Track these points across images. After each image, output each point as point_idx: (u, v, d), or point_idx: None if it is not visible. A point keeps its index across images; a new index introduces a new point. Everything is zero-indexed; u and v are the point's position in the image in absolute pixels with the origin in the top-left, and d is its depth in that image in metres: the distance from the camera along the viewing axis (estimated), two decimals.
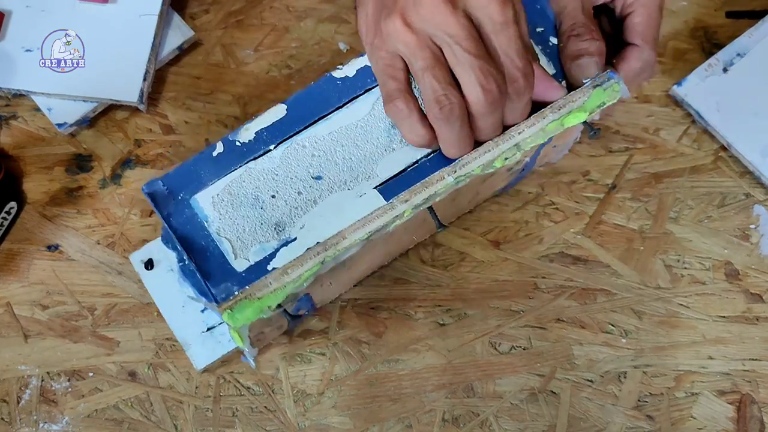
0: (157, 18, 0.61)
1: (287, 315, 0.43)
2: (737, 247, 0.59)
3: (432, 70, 0.42)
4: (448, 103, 0.42)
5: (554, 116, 0.45)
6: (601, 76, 0.46)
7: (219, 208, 0.44)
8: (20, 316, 0.57)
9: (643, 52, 0.49)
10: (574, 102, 0.45)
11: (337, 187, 0.45)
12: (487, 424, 0.55)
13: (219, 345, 0.53)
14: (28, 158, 0.61)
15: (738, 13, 0.65)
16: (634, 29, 0.49)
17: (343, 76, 0.47)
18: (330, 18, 0.66)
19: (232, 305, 0.41)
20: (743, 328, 0.57)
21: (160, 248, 0.54)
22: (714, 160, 0.61)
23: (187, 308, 0.54)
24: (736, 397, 0.55)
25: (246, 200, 0.44)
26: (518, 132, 0.45)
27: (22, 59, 0.60)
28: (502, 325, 0.57)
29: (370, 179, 0.45)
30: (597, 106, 0.46)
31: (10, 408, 0.55)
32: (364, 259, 0.49)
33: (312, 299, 0.51)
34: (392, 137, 0.46)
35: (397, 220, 0.43)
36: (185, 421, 0.55)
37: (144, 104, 0.60)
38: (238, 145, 0.45)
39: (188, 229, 0.43)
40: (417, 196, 0.43)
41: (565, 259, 0.59)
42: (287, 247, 0.43)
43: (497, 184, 0.56)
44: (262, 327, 0.48)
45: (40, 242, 0.59)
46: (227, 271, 0.42)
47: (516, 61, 0.43)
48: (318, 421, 0.55)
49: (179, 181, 0.44)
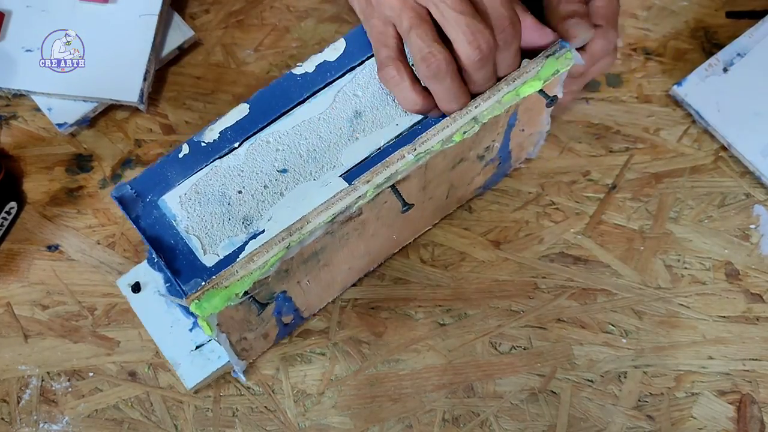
0: (157, 18, 0.61)
1: (256, 303, 0.43)
2: (737, 247, 0.59)
3: (417, 29, 0.43)
4: (434, 60, 0.43)
5: (509, 87, 0.46)
6: (554, 46, 0.47)
7: (187, 207, 0.45)
8: (20, 316, 0.57)
9: (607, 32, 0.51)
10: (528, 72, 0.46)
11: (303, 178, 0.46)
12: (487, 424, 0.55)
13: (208, 362, 0.54)
14: (28, 158, 0.61)
15: (738, 13, 0.65)
16: (597, 12, 0.51)
17: (303, 72, 0.48)
18: (330, 18, 0.66)
19: (199, 295, 0.41)
20: (743, 328, 0.57)
21: (146, 271, 0.55)
22: (714, 160, 0.61)
23: (175, 328, 0.54)
24: (736, 397, 0.55)
25: (213, 197, 0.45)
26: (475, 106, 0.45)
27: (22, 59, 0.60)
28: (503, 325, 0.57)
29: (335, 168, 0.46)
30: (551, 74, 0.46)
31: (10, 408, 0.55)
32: (340, 255, 0.50)
33: (294, 302, 0.51)
34: (355, 127, 0.47)
35: (359, 201, 0.44)
36: (185, 421, 0.55)
37: (144, 104, 0.60)
38: (204, 145, 0.46)
39: (157, 230, 0.44)
40: (378, 176, 0.44)
41: (565, 259, 0.59)
42: (256, 239, 0.44)
43: (474, 178, 0.56)
44: (240, 329, 0.48)
45: (40, 242, 0.59)
46: (197, 267, 0.43)
47: (501, 9, 0.43)
48: (318, 421, 0.55)
49: (147, 184, 0.45)
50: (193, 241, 0.44)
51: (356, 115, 0.47)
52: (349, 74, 0.48)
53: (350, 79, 0.48)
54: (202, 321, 0.42)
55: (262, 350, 0.55)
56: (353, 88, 0.48)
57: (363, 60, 0.48)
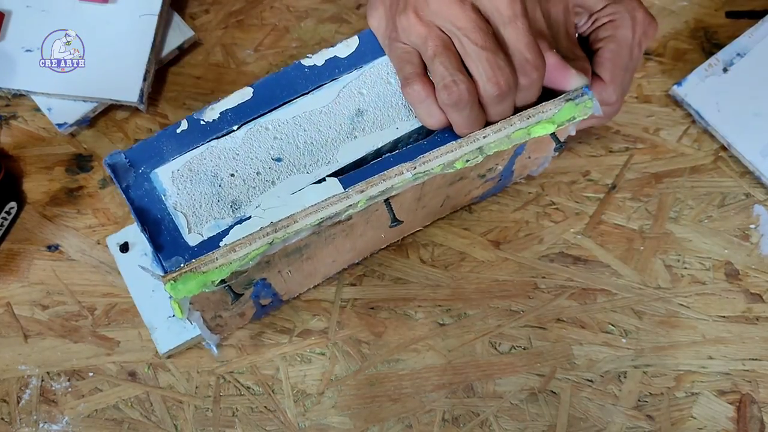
0: (157, 18, 0.61)
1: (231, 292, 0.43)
2: (737, 247, 0.59)
3: (440, 56, 0.43)
4: (456, 89, 0.43)
5: (522, 124, 0.45)
6: (576, 91, 0.46)
7: (178, 184, 0.45)
8: (20, 316, 0.57)
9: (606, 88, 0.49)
10: (544, 113, 0.45)
11: (296, 170, 0.45)
12: (487, 424, 0.55)
13: (184, 330, 0.54)
14: (28, 158, 0.61)
15: (738, 13, 0.65)
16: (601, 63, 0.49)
17: (311, 65, 0.48)
18: (331, 18, 0.66)
19: (176, 276, 0.41)
20: (743, 328, 0.57)
21: (136, 232, 0.56)
22: (714, 160, 0.61)
23: (156, 293, 0.55)
24: (736, 397, 0.55)
25: (205, 177, 0.45)
26: (483, 136, 0.45)
27: (22, 59, 0.60)
28: (502, 325, 0.57)
29: (330, 164, 0.46)
30: (567, 119, 0.45)
31: (10, 408, 0.55)
32: (325, 251, 0.50)
33: (273, 288, 0.51)
34: (355, 125, 0.46)
35: (350, 209, 0.43)
36: (185, 421, 0.55)
37: (144, 104, 0.60)
38: (203, 123, 0.46)
39: (145, 202, 0.44)
40: (373, 188, 0.44)
41: (565, 259, 0.59)
42: (241, 225, 0.44)
43: (471, 191, 0.56)
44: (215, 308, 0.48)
45: (40, 242, 0.59)
46: (180, 244, 0.43)
47: (525, 53, 0.43)
48: (318, 421, 0.55)
49: (141, 155, 0.45)
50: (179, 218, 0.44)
51: (358, 113, 0.47)
52: (356, 71, 0.48)
53: (357, 76, 0.48)
54: (174, 303, 0.42)
55: (237, 327, 0.55)
56: (359, 86, 0.47)
57: (374, 60, 0.48)
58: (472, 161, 0.45)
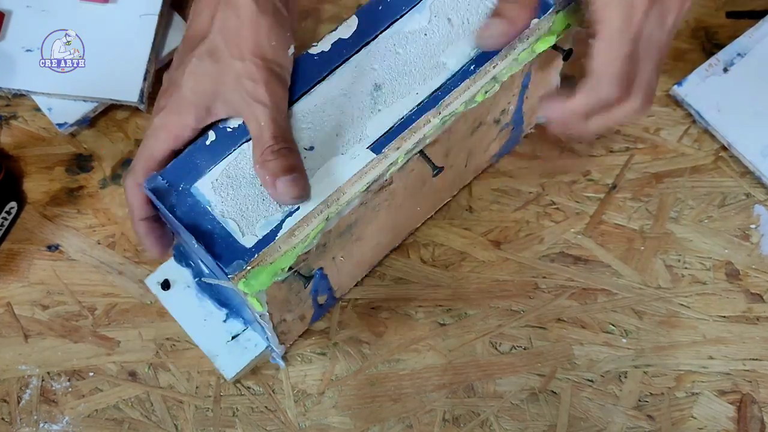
0: (157, 18, 0.61)
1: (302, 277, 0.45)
2: (737, 247, 0.59)
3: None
4: None
5: (524, 45, 0.47)
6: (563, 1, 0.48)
7: (220, 192, 0.45)
8: (20, 316, 0.57)
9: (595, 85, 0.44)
10: (541, 29, 0.47)
11: (331, 154, 0.46)
12: (487, 424, 0.55)
13: (246, 351, 0.54)
14: (28, 158, 0.61)
15: (738, 13, 0.65)
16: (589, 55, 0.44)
17: (319, 52, 0.48)
18: (330, 18, 0.66)
19: (245, 274, 0.42)
20: (743, 327, 0.57)
21: (174, 267, 0.55)
22: (714, 160, 0.61)
23: (209, 321, 0.55)
24: (736, 397, 0.55)
25: (245, 180, 0.45)
26: (493, 66, 0.47)
27: (22, 59, 0.60)
28: (503, 325, 0.57)
29: (362, 141, 0.46)
30: (563, 29, 0.48)
31: (10, 408, 0.55)
32: (370, 228, 0.51)
33: (329, 280, 0.52)
34: (376, 99, 0.47)
35: (391, 168, 0.45)
36: (185, 421, 0.55)
37: (144, 104, 0.60)
38: (230, 130, 0.46)
39: (193, 217, 0.44)
40: (407, 142, 0.45)
41: (565, 259, 0.59)
42: (292, 217, 0.44)
43: (490, 144, 0.57)
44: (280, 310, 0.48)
45: (40, 242, 0.59)
46: (237, 249, 0.43)
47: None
48: (318, 421, 0.55)
49: (177, 173, 0.45)
50: (230, 224, 0.44)
51: (376, 87, 0.47)
52: (364, 49, 0.48)
53: (366, 54, 0.48)
54: (252, 298, 0.43)
55: (298, 333, 0.56)
56: (370, 62, 0.48)
57: (377, 34, 0.49)
58: (490, 91, 0.47)
